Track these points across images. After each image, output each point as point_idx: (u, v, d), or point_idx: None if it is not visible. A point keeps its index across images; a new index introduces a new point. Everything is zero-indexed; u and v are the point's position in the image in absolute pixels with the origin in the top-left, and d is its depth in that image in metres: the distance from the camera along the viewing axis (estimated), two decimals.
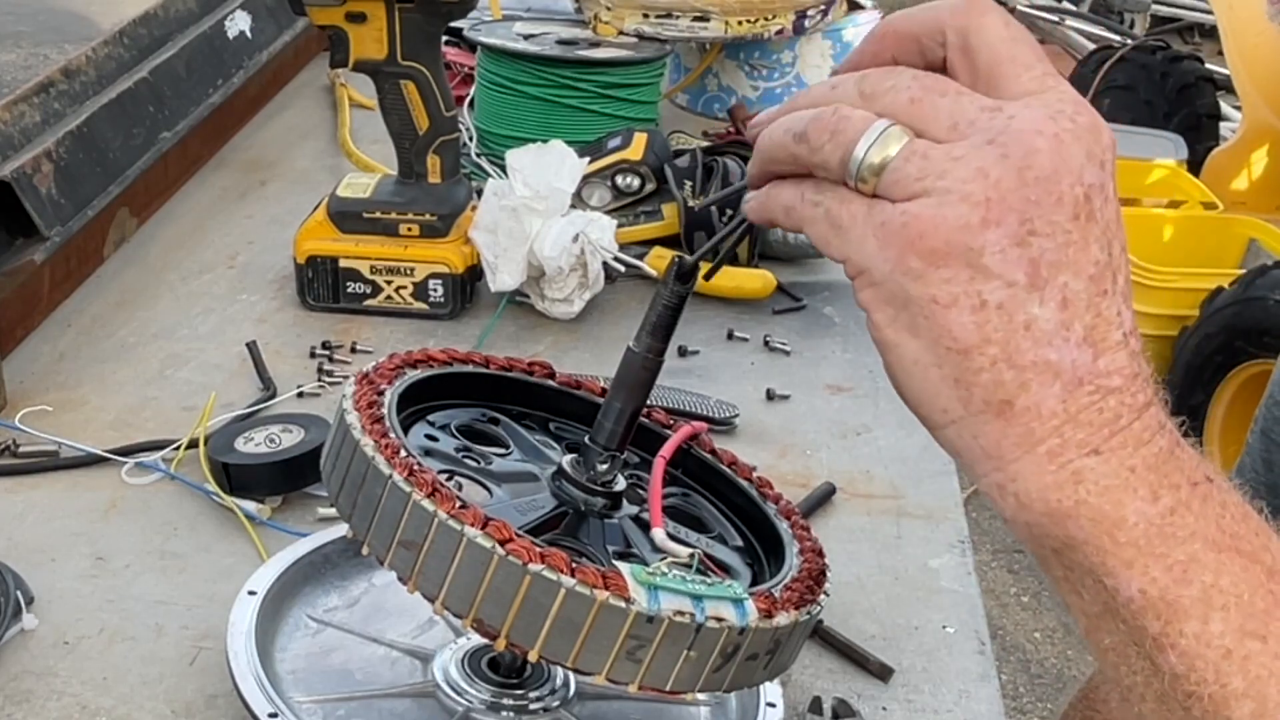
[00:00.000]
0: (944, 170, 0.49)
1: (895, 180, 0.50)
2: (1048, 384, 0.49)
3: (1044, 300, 0.49)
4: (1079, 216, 0.49)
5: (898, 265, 0.50)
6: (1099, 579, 0.50)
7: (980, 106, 0.50)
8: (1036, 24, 4.86)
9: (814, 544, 0.74)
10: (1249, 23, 3.63)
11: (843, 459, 1.11)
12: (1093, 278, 0.49)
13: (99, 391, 1.15)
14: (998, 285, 0.48)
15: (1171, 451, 0.51)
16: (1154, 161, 3.54)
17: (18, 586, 0.87)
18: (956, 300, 0.49)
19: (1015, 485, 0.50)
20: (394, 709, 0.78)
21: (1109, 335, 0.49)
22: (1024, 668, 2.70)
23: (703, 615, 0.61)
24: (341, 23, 1.24)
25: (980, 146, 0.49)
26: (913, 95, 0.51)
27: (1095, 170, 0.49)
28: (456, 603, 0.63)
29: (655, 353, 0.67)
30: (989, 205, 0.48)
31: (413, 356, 0.77)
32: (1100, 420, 0.49)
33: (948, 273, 0.49)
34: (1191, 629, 0.49)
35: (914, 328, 0.50)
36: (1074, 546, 0.50)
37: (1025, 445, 0.50)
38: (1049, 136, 0.48)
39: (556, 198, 1.25)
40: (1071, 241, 0.49)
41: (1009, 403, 0.49)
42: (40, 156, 1.26)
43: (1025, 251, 0.48)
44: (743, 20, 1.63)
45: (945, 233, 0.48)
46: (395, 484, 0.64)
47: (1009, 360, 0.49)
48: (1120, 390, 0.50)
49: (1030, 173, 0.48)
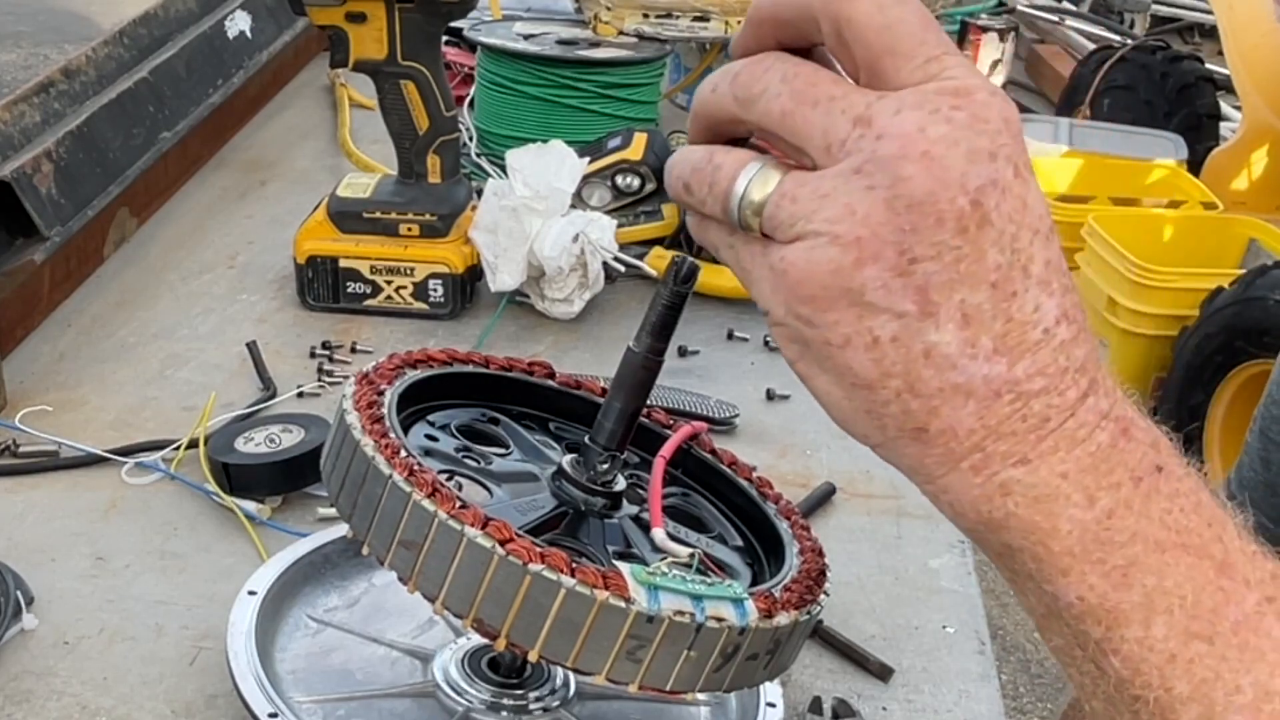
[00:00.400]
0: (812, 212, 0.47)
1: (774, 225, 0.49)
2: (959, 405, 0.47)
3: (940, 324, 0.47)
4: (966, 229, 0.46)
5: (788, 311, 0.48)
6: (1039, 584, 0.50)
7: (852, 119, 0.47)
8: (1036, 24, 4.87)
9: (814, 544, 0.74)
10: (1249, 23, 3.63)
11: (843, 459, 1.11)
12: (995, 284, 0.47)
13: (99, 391, 1.15)
14: (886, 319, 0.47)
15: (1114, 445, 0.49)
16: (1154, 161, 3.54)
17: (18, 586, 0.87)
18: (849, 340, 0.47)
19: (947, 496, 0.49)
20: (394, 709, 0.78)
21: (1025, 337, 0.47)
22: (1024, 668, 2.70)
23: (703, 615, 0.61)
24: (341, 23, 1.24)
25: (848, 177, 0.46)
26: (783, 107, 0.49)
27: (983, 168, 0.46)
28: (456, 603, 0.63)
29: (655, 353, 0.67)
30: (860, 244, 0.46)
31: (412, 356, 0.76)
32: (1025, 427, 0.48)
33: (834, 315, 0.47)
34: (1133, 634, 0.48)
35: (820, 364, 0.49)
36: (1011, 554, 0.50)
37: (947, 464, 0.49)
38: (916, 157, 0.46)
39: (556, 198, 1.25)
40: (962, 256, 0.46)
41: (923, 429, 0.48)
42: (40, 156, 1.26)
43: (909, 280, 0.46)
44: (742, 20, 1.63)
45: (820, 278, 0.47)
46: (395, 484, 0.64)
47: (912, 390, 0.47)
48: (1045, 390, 0.48)
49: (900, 202, 0.46)
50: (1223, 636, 0.48)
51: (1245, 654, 0.48)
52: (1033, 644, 2.75)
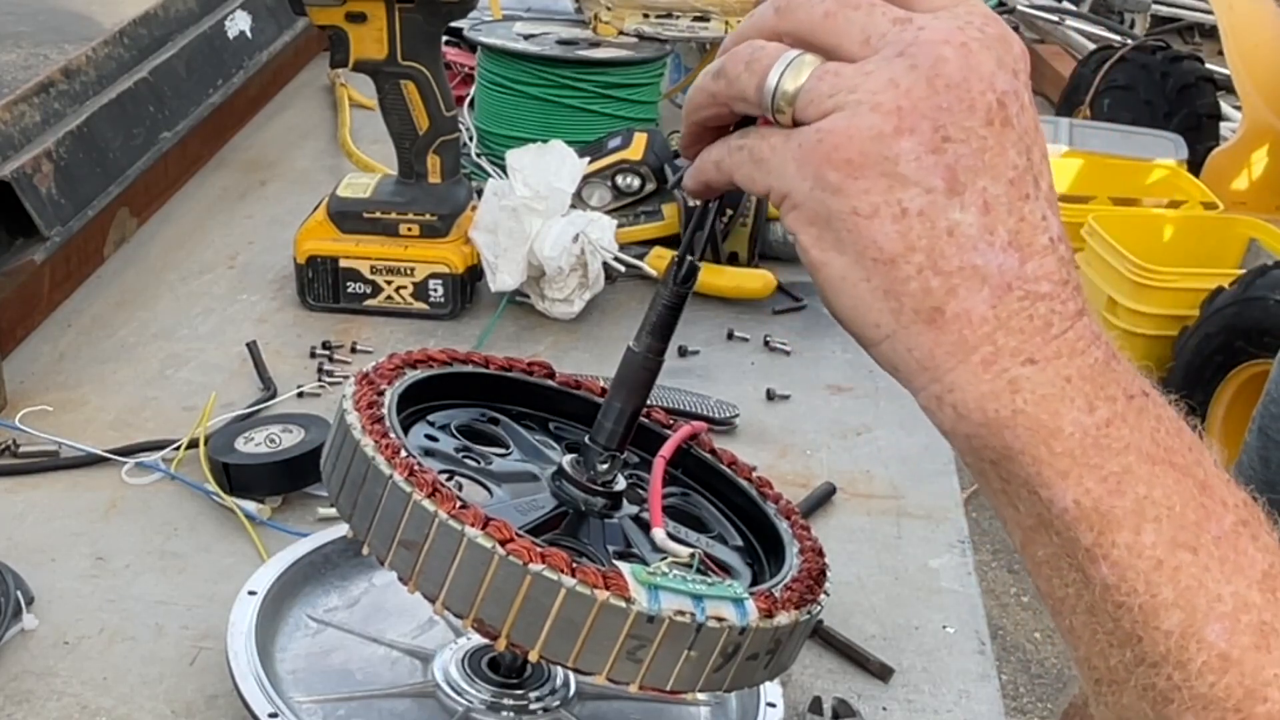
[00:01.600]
0: (855, 84, 0.49)
1: (809, 100, 0.51)
2: (975, 289, 0.49)
3: (964, 205, 0.49)
4: (993, 122, 0.49)
5: (817, 182, 0.50)
6: (1034, 490, 0.50)
7: (891, 19, 0.50)
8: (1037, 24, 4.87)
9: (814, 544, 0.74)
10: (1249, 23, 3.63)
11: (843, 459, 1.11)
12: (1012, 181, 0.49)
13: (99, 391, 1.15)
14: (916, 192, 0.49)
15: (1107, 363, 0.51)
16: (1154, 161, 3.54)
17: (18, 586, 0.87)
18: (877, 210, 0.49)
19: (952, 396, 0.50)
20: (394, 709, 0.78)
21: (1035, 240, 0.49)
22: (1024, 668, 2.70)
23: (703, 615, 0.61)
24: (341, 23, 1.24)
25: (890, 59, 0.49)
26: (826, 9, 0.51)
27: (1007, 77, 0.49)
28: (457, 603, 0.63)
29: (655, 353, 0.67)
30: (900, 113, 0.48)
31: (412, 356, 0.76)
32: (1032, 327, 0.49)
33: (865, 183, 0.49)
34: (1124, 539, 0.49)
35: (839, 244, 0.50)
36: (1011, 457, 0.50)
37: (959, 354, 0.50)
38: (956, 45, 0.49)
39: (556, 198, 1.25)
40: (987, 147, 0.49)
41: (939, 310, 0.49)
42: (40, 156, 1.26)
43: (941, 158, 0.49)
44: (742, 20, 1.63)
45: (859, 143, 0.49)
46: (395, 484, 0.64)
47: (934, 267, 0.49)
48: (1050, 296, 0.50)
49: (940, 80, 0.48)
50: (1205, 548, 0.50)
51: (1225, 566, 0.50)
52: (1032, 644, 2.75)
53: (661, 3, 1.60)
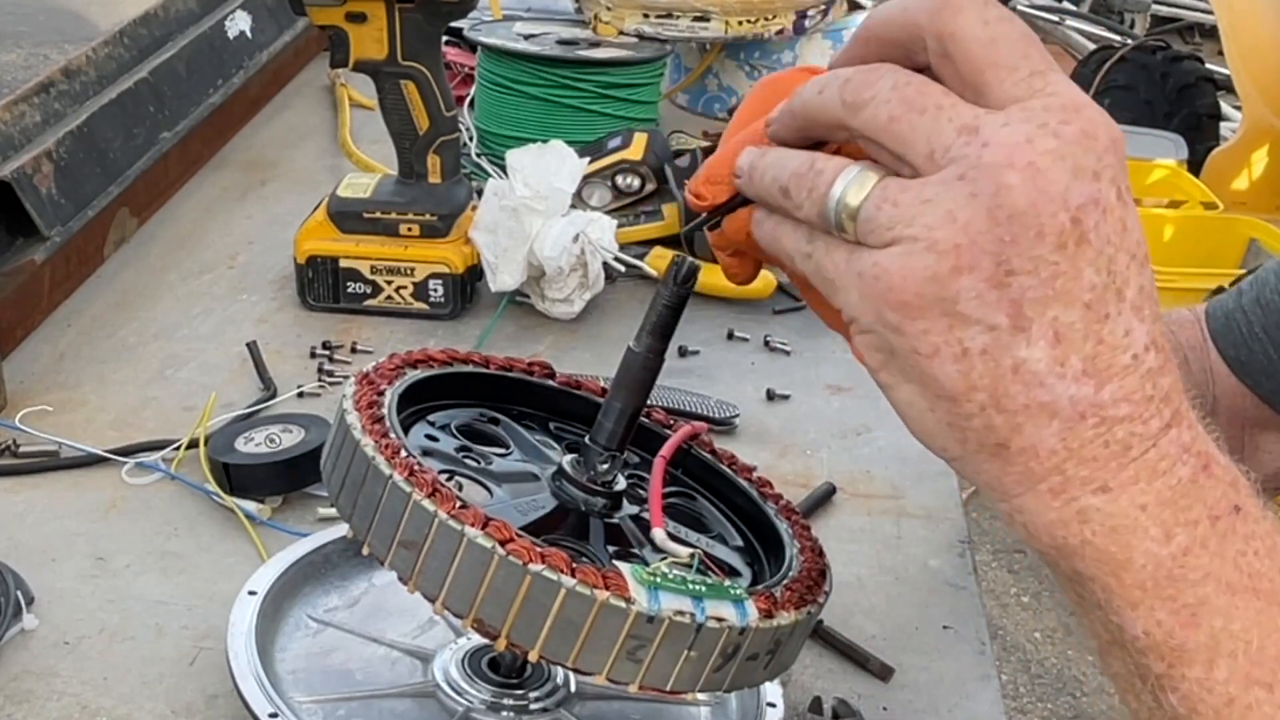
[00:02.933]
0: (912, 217, 0.47)
1: (870, 229, 0.48)
2: (1044, 424, 0.47)
3: (1031, 340, 0.46)
4: (1065, 245, 0.46)
5: (877, 318, 0.48)
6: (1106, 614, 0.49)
7: (958, 128, 0.47)
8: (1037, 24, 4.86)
9: (814, 544, 0.74)
10: (1249, 23, 3.63)
11: (843, 459, 1.11)
12: (1089, 304, 0.46)
13: (99, 391, 1.15)
14: (978, 331, 0.46)
15: (1194, 480, 0.48)
16: (1154, 161, 3.53)
17: (18, 586, 0.87)
18: (938, 350, 0.47)
19: (1022, 517, 0.49)
20: (394, 709, 0.78)
21: (1114, 361, 0.47)
22: (1024, 668, 2.70)
23: (703, 615, 0.61)
24: (341, 23, 1.24)
25: (950, 184, 0.46)
26: (892, 113, 0.49)
27: (1086, 186, 0.46)
28: (457, 603, 0.63)
29: (655, 353, 0.67)
30: (959, 251, 0.46)
31: (413, 356, 0.76)
32: (1107, 454, 0.47)
33: (924, 324, 0.47)
34: (1195, 674, 0.48)
35: (904, 373, 0.49)
36: (1081, 581, 0.49)
37: (1025, 483, 0.48)
38: (1022, 167, 0.46)
39: (556, 198, 1.25)
40: (1059, 273, 0.46)
41: (1004, 445, 0.48)
42: (40, 156, 1.26)
43: (1004, 293, 0.46)
44: (743, 20, 1.63)
45: (915, 285, 0.47)
46: (395, 484, 0.64)
47: (998, 405, 0.47)
48: (1130, 418, 0.47)
49: (1002, 211, 0.46)
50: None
51: None
52: (1032, 644, 2.75)
53: (661, 3, 1.60)
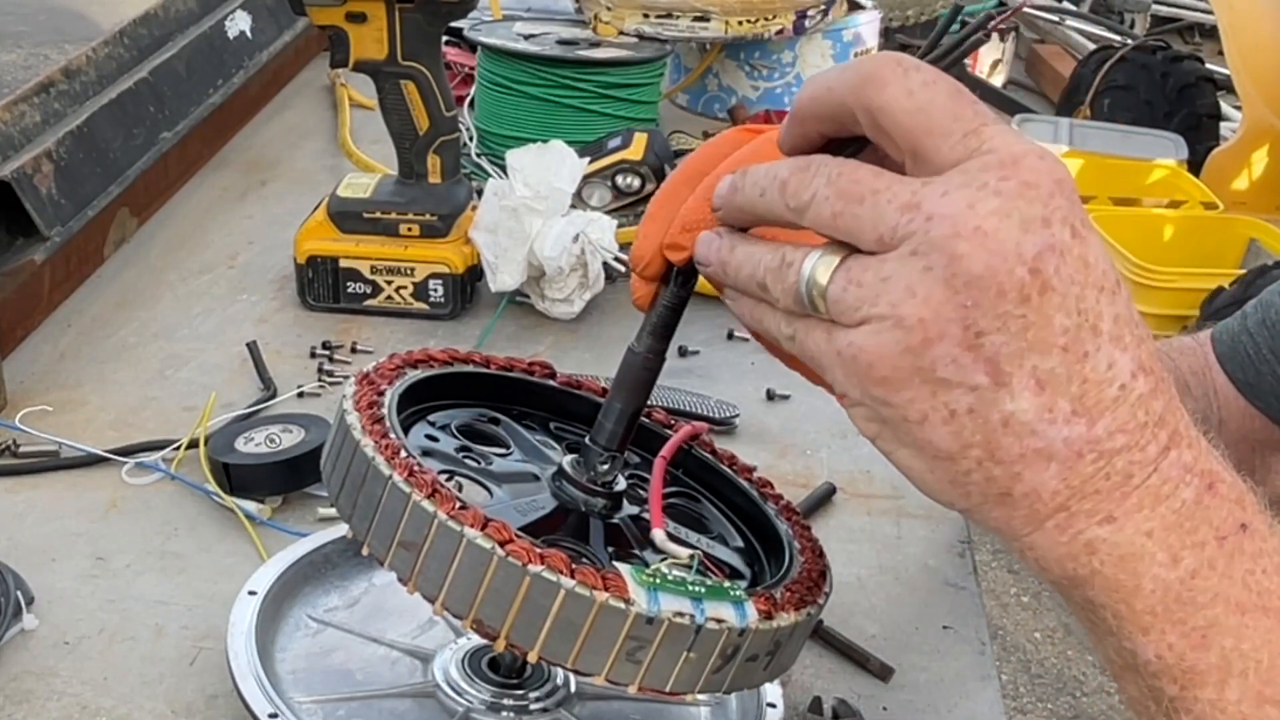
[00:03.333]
0: (876, 296, 0.48)
1: (840, 310, 0.49)
2: (1042, 469, 0.48)
3: (1015, 393, 0.47)
4: (1029, 298, 0.46)
5: (863, 393, 0.49)
6: (1119, 640, 0.50)
7: (899, 207, 0.48)
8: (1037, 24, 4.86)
9: (814, 544, 0.74)
10: (1249, 23, 3.63)
11: (843, 459, 1.11)
12: (1065, 348, 0.47)
13: (99, 391, 1.15)
14: (961, 393, 0.47)
15: (1199, 501, 0.49)
16: (1154, 161, 3.53)
17: (18, 586, 0.87)
18: (926, 416, 0.48)
19: (1033, 554, 0.50)
20: (394, 709, 0.78)
21: (1102, 396, 0.47)
22: (1024, 668, 2.70)
23: (702, 616, 0.61)
24: (342, 23, 1.24)
25: (905, 260, 0.47)
26: (833, 209, 0.50)
27: (1037, 236, 0.46)
28: (456, 604, 0.63)
29: (656, 354, 0.66)
30: (924, 325, 0.47)
31: (413, 356, 0.76)
32: (1109, 485, 0.48)
33: (908, 394, 0.48)
34: (1207, 695, 0.49)
35: (899, 440, 0.50)
36: (1094, 609, 0.50)
37: (1033, 524, 0.49)
38: (969, 234, 0.46)
39: (557, 198, 1.25)
40: (1029, 324, 0.46)
41: (1006, 493, 0.49)
42: (40, 156, 1.26)
43: (979, 354, 0.47)
44: (743, 20, 1.63)
45: (891, 360, 0.48)
46: (395, 484, 0.64)
47: (994, 459, 0.48)
48: (1128, 448, 0.48)
49: (958, 280, 0.46)
50: None
51: None
52: (1032, 644, 2.75)
53: (661, 3, 1.60)
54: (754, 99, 1.77)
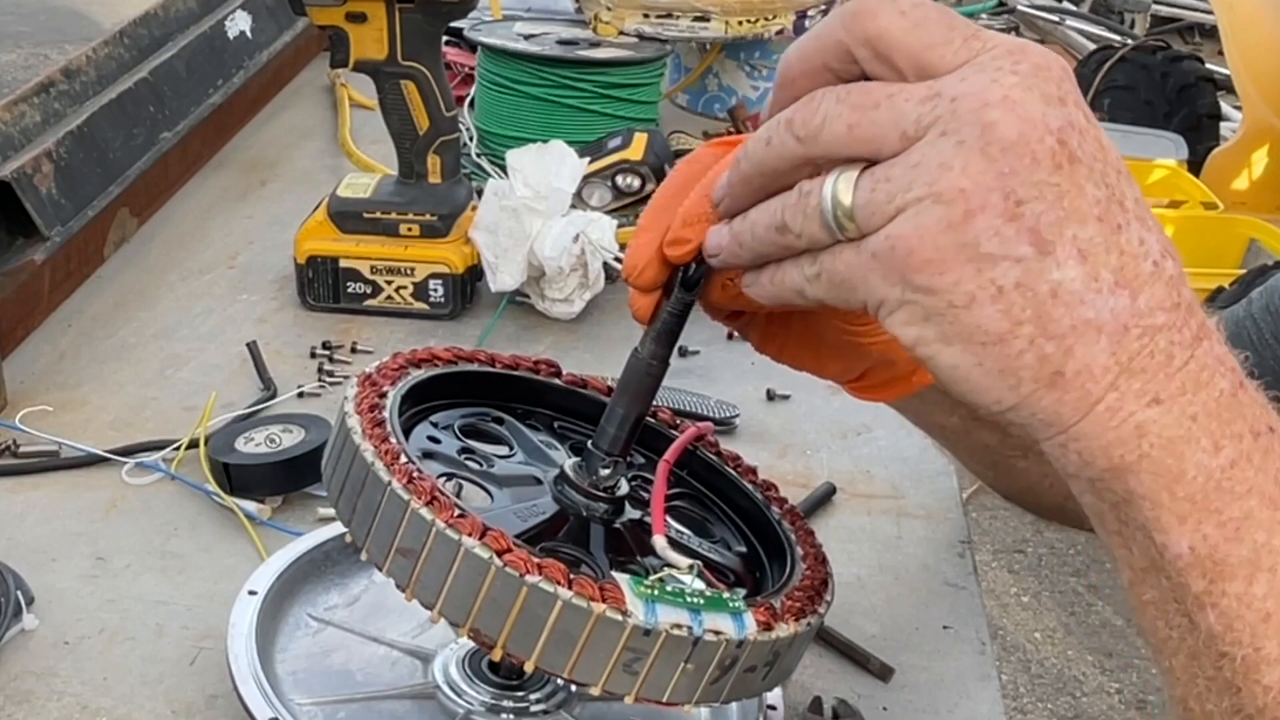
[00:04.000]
0: (910, 181, 0.48)
1: (871, 212, 0.49)
2: (1093, 341, 0.47)
3: (1060, 262, 0.47)
4: (1061, 165, 0.47)
5: (905, 287, 0.48)
6: (1150, 534, 0.50)
7: (919, 100, 0.48)
8: (1037, 24, 4.86)
9: (818, 551, 0.74)
10: (1249, 23, 3.63)
11: (843, 459, 1.11)
12: (1100, 218, 0.47)
13: (99, 391, 1.15)
14: (1007, 266, 0.47)
15: (1234, 395, 0.49)
16: (1154, 161, 3.53)
17: (18, 586, 0.87)
18: (974, 297, 0.47)
19: (1078, 444, 0.49)
20: (394, 710, 0.78)
21: (1140, 270, 0.48)
22: (1024, 668, 2.70)
23: (700, 628, 0.61)
24: (342, 23, 1.24)
25: (935, 143, 0.47)
26: (848, 121, 0.49)
27: (1058, 111, 0.47)
28: (453, 612, 0.62)
29: (659, 359, 0.66)
30: (965, 196, 0.47)
31: (417, 355, 0.76)
32: (1154, 364, 0.48)
33: (953, 275, 0.47)
34: (1235, 589, 0.49)
35: (945, 336, 0.49)
36: (1131, 501, 0.49)
37: (1083, 407, 0.48)
38: (998, 102, 0.47)
39: (557, 198, 1.25)
40: (1064, 192, 0.47)
41: (1059, 373, 0.48)
42: (40, 156, 1.26)
43: (1021, 224, 0.47)
44: (743, 20, 1.63)
45: (933, 239, 0.47)
46: (394, 491, 0.63)
47: (1046, 333, 0.47)
48: (1167, 326, 0.48)
49: (994, 147, 0.46)
50: None
51: None
52: (1032, 644, 2.75)
53: (661, 3, 1.60)
54: (754, 99, 1.77)
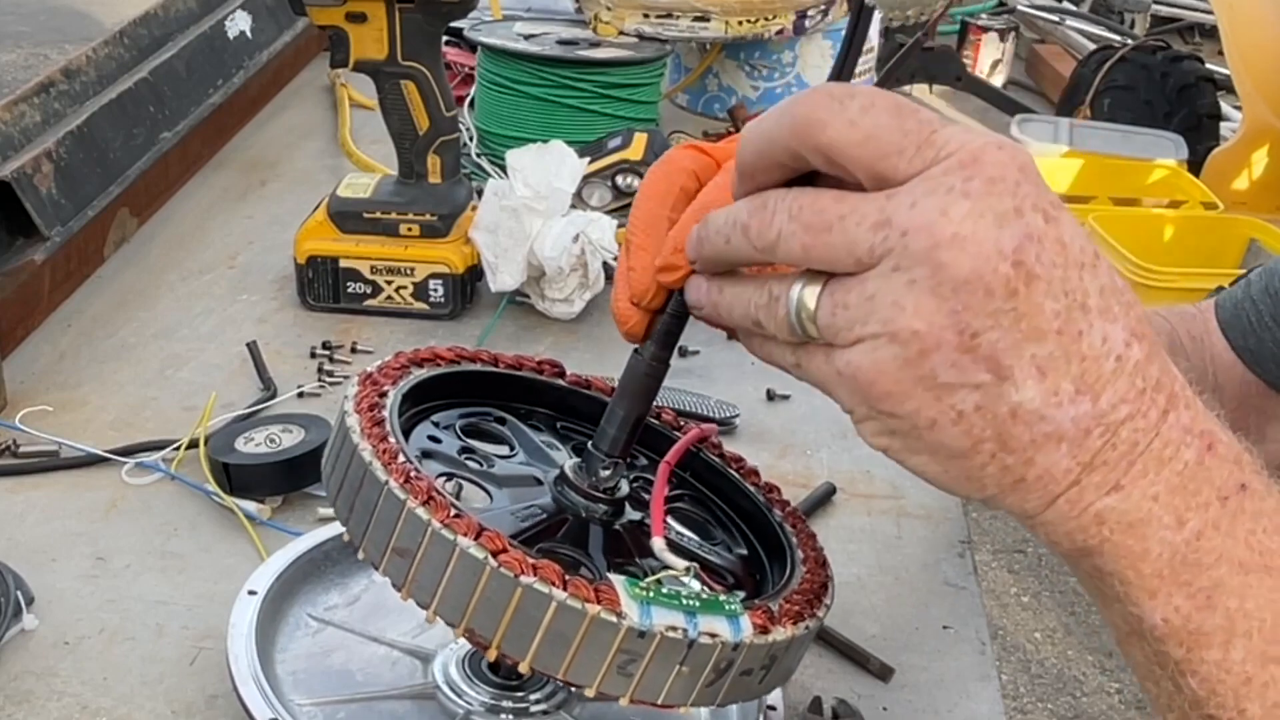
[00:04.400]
0: (866, 315, 0.48)
1: (832, 334, 0.50)
2: (1053, 450, 0.48)
3: (1019, 384, 0.47)
4: (1016, 290, 0.47)
5: (870, 409, 0.50)
6: (1125, 606, 0.51)
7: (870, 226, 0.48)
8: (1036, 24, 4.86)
9: (818, 554, 0.73)
10: (1249, 23, 3.63)
11: (843, 459, 1.11)
12: (1059, 331, 0.47)
13: (99, 391, 1.15)
14: (965, 393, 0.47)
15: (1200, 462, 0.49)
16: (1154, 161, 3.53)
17: (18, 586, 0.87)
18: (935, 421, 0.48)
19: (1044, 530, 0.51)
20: (394, 711, 0.78)
21: (1102, 370, 0.48)
22: (1024, 668, 2.70)
23: (695, 631, 0.61)
24: (342, 23, 1.24)
25: (888, 277, 0.47)
26: (803, 244, 0.50)
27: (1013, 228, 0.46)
28: (449, 612, 0.62)
29: (660, 360, 0.66)
30: (919, 336, 0.47)
31: (419, 355, 0.76)
32: (1115, 456, 0.48)
33: (913, 404, 0.48)
34: (1213, 656, 0.49)
35: (911, 449, 0.50)
36: (1103, 577, 0.51)
37: (1045, 502, 0.50)
38: (948, 240, 0.46)
39: (557, 198, 1.25)
40: (1021, 315, 0.47)
41: (1021, 480, 0.49)
42: (41, 156, 1.26)
43: (977, 354, 0.47)
44: (743, 20, 1.63)
45: (891, 375, 0.48)
46: (391, 490, 0.63)
47: (1006, 449, 0.48)
48: (1130, 417, 0.48)
49: (945, 288, 0.46)
50: None
51: None
52: (1032, 644, 2.75)
53: (661, 3, 1.60)
54: (754, 99, 1.77)
